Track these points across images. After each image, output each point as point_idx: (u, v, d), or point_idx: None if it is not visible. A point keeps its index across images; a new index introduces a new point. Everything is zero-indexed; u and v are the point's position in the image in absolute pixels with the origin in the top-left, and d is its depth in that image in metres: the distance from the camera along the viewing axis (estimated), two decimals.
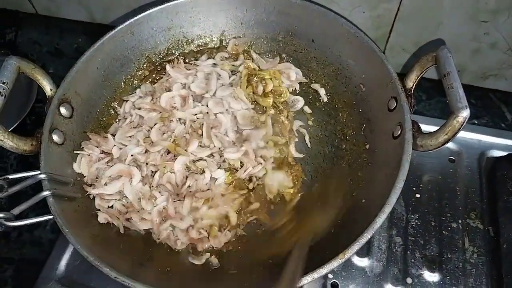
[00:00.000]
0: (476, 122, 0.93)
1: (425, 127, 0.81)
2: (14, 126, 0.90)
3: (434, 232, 0.75)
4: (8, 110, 0.91)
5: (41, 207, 0.61)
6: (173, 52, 0.83)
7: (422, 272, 0.71)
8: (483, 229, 0.75)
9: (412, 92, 0.64)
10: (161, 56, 0.83)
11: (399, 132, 0.61)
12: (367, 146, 0.69)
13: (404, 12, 0.83)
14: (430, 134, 0.57)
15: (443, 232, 0.75)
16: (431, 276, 0.71)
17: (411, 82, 0.64)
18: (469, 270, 0.71)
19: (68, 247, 0.73)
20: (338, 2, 0.84)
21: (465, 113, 0.53)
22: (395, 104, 0.64)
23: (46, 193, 0.59)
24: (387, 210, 0.54)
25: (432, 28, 0.85)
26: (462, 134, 0.85)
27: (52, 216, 0.59)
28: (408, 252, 0.73)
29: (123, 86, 0.80)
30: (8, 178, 0.60)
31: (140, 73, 0.82)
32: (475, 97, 0.97)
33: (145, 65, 0.81)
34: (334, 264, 0.52)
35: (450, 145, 0.84)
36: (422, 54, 0.64)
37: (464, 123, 0.53)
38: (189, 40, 0.83)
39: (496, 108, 0.95)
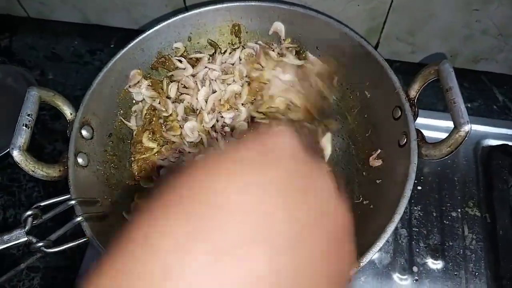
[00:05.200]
0: (469, 105, 1.00)
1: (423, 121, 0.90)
2: None
3: (436, 222, 0.83)
4: (13, 121, 0.96)
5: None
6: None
7: (426, 261, 0.80)
8: (481, 217, 0.84)
9: (415, 101, 0.70)
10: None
11: (405, 141, 0.68)
12: (373, 153, 0.76)
13: (398, 3, 0.88)
14: (434, 145, 0.64)
15: (444, 221, 0.83)
16: (434, 264, 0.80)
17: (414, 91, 0.70)
18: (469, 256, 0.80)
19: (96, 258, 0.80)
20: None
21: (467, 128, 0.60)
22: (399, 113, 0.70)
23: (79, 218, 0.64)
24: (396, 219, 0.61)
25: (426, 17, 0.90)
26: None
27: (87, 238, 0.65)
28: (413, 242, 0.82)
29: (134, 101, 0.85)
30: (41, 205, 0.65)
31: None
32: (468, 81, 1.03)
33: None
34: (350, 273, 0.60)
35: None
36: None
37: (466, 137, 0.60)
38: (197, 50, 0.87)
39: (488, 90, 1.02)
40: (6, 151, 0.94)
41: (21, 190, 0.93)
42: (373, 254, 0.60)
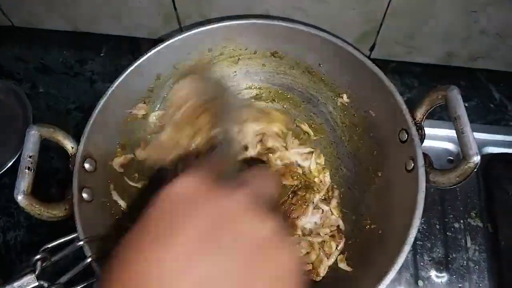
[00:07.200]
0: (466, 105, 1.00)
1: None
2: (16, 157, 0.93)
3: (439, 234, 0.85)
4: (4, 138, 0.94)
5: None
6: None
7: (431, 274, 0.82)
8: (483, 227, 0.85)
9: (422, 124, 0.70)
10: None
11: (412, 166, 0.68)
12: (379, 173, 0.76)
13: (395, 6, 0.87)
14: (443, 172, 0.65)
15: (447, 233, 0.85)
16: (439, 277, 0.82)
17: (420, 114, 0.70)
18: (473, 267, 0.82)
19: None
20: (328, 1, 0.88)
21: (476, 159, 0.60)
22: (406, 136, 0.70)
23: (89, 260, 0.64)
24: (406, 249, 0.62)
25: (423, 20, 0.90)
26: None
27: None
28: (417, 256, 0.83)
29: (136, 126, 0.83)
30: (48, 247, 0.65)
31: None
32: (464, 79, 1.03)
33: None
34: None
35: (448, 146, 0.92)
36: (431, 91, 0.69)
37: (476, 168, 0.60)
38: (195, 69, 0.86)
39: (484, 88, 1.03)
40: (1, 171, 0.92)
41: (19, 212, 0.92)
42: (384, 286, 0.62)
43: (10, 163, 0.93)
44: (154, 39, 1.08)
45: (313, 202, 0.81)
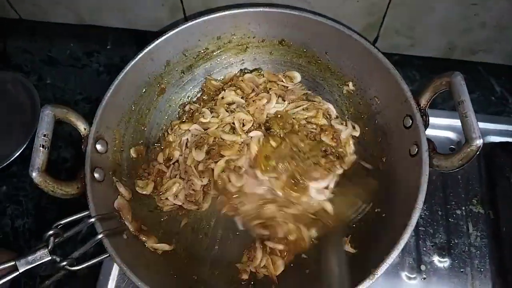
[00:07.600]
0: None
1: None
2: (26, 143, 0.95)
3: (441, 220, 0.87)
4: (12, 128, 0.95)
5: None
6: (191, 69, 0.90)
7: (433, 259, 0.84)
8: (484, 213, 0.88)
9: (426, 110, 0.72)
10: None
11: (416, 151, 0.70)
12: (384, 159, 0.79)
13: None
14: (446, 156, 0.67)
15: (449, 219, 0.87)
16: (441, 262, 0.84)
17: (425, 101, 0.72)
18: (474, 252, 0.84)
19: (113, 269, 0.83)
20: None
21: (478, 143, 0.62)
22: (410, 122, 0.72)
23: (100, 236, 0.66)
24: (409, 230, 0.64)
25: (425, 12, 0.93)
26: (459, 123, 0.96)
27: (108, 254, 0.67)
28: (420, 241, 0.86)
29: (146, 111, 0.86)
30: (61, 223, 0.67)
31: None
32: (465, 72, 1.05)
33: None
34: (366, 284, 0.63)
35: (450, 135, 0.94)
36: (435, 78, 0.71)
37: (478, 152, 0.62)
38: (204, 56, 0.89)
39: (485, 81, 1.05)
40: (10, 160, 0.94)
41: (27, 199, 0.93)
42: (387, 265, 0.64)
43: (18, 153, 0.94)
44: (159, 31, 1.09)
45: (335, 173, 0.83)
